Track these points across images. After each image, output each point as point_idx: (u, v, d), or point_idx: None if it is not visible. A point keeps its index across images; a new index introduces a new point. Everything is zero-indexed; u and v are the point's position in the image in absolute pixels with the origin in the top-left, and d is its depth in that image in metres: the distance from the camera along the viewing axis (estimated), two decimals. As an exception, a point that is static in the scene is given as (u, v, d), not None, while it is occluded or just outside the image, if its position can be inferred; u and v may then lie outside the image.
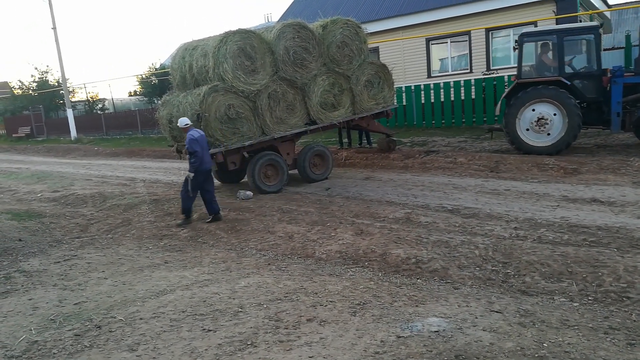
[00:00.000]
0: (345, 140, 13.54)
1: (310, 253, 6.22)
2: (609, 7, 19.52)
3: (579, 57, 10.44)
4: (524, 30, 10.84)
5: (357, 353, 3.53)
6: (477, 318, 4.01)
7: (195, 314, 4.40)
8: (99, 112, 30.89)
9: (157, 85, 26.78)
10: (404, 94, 16.00)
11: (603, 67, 10.01)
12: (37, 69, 33.57)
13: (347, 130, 12.99)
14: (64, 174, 14.56)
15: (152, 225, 8.06)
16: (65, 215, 9.11)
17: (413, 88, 15.90)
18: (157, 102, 25.37)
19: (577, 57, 10.44)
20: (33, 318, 4.64)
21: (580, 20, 14.96)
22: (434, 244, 5.80)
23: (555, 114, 9.78)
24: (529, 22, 15.31)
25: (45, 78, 32.73)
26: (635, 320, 3.96)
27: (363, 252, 5.93)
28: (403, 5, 18.23)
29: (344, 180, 10.26)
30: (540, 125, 9.95)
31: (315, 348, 3.64)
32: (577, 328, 3.81)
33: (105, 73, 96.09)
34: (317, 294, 4.70)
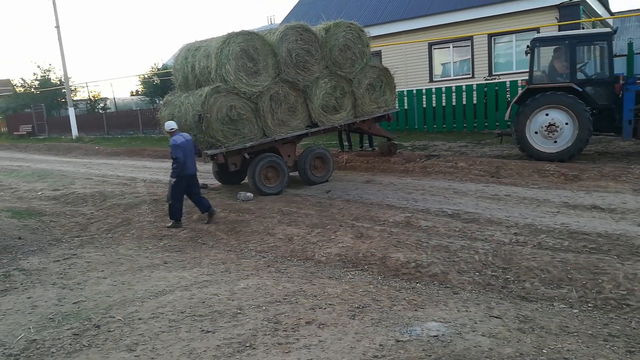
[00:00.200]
0: (346, 144, 13.56)
1: (310, 255, 6.22)
2: (612, 14, 19.55)
3: (591, 63, 10.32)
4: (537, 36, 10.72)
5: (355, 356, 3.52)
6: (476, 323, 4.00)
7: (194, 315, 4.40)
8: (101, 111, 30.93)
9: (159, 86, 26.82)
10: (406, 98, 16.02)
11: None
12: (39, 67, 33.59)
13: (347, 134, 13.01)
14: (65, 173, 14.57)
15: (152, 225, 8.06)
16: (66, 214, 9.12)
17: (415, 92, 15.92)
18: (158, 102, 25.42)
19: (589, 63, 10.33)
20: (32, 317, 4.63)
21: (584, 27, 14.99)
22: (434, 249, 5.80)
23: (566, 121, 9.66)
24: (532, 28, 15.34)
25: (48, 76, 32.78)
26: (635, 328, 3.95)
27: (363, 255, 5.93)
28: (406, 10, 18.28)
29: (345, 183, 10.26)
30: (551, 132, 9.81)
31: (314, 351, 3.64)
32: (576, 335, 3.80)
33: (108, 72, 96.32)
34: (316, 297, 4.70)
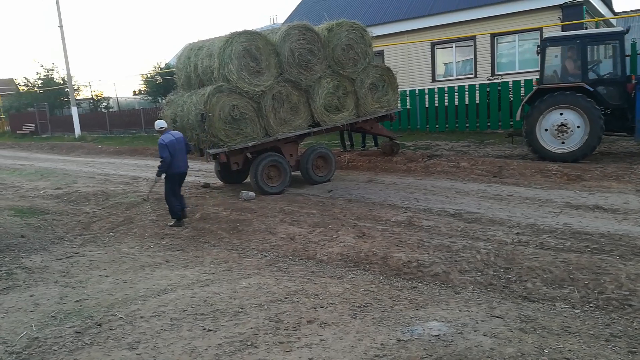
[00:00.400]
0: (348, 143, 13.56)
1: (312, 255, 6.22)
2: (615, 14, 19.49)
3: (603, 63, 10.20)
4: (547, 35, 10.60)
5: (357, 356, 3.52)
6: (478, 323, 4.00)
7: (196, 314, 4.40)
8: (104, 110, 31.01)
9: (161, 85, 26.88)
10: (408, 98, 16.00)
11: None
12: (42, 67, 33.72)
13: (349, 133, 13.01)
14: (67, 172, 14.60)
15: (154, 224, 8.08)
16: (68, 213, 9.14)
17: (417, 92, 15.90)
18: (161, 101, 25.46)
19: (601, 63, 10.20)
20: (34, 314, 4.65)
21: (587, 27, 14.95)
22: (436, 248, 5.80)
23: (577, 121, 9.54)
24: (535, 28, 15.32)
25: (51, 76, 32.88)
26: (637, 328, 3.94)
27: (364, 254, 5.93)
28: (408, 10, 18.26)
29: (347, 183, 10.26)
30: (561, 132, 9.69)
31: (315, 350, 3.64)
32: (578, 335, 3.80)
33: (110, 71, 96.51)
34: (317, 296, 4.70)
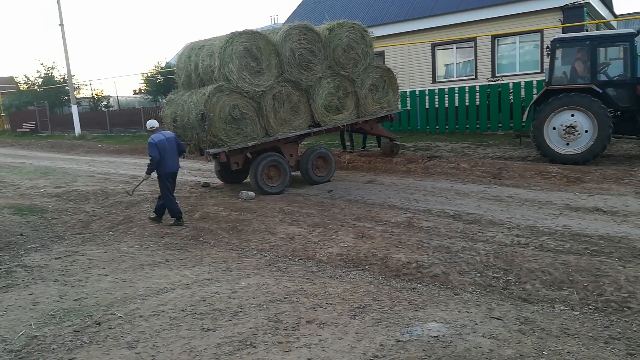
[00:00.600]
0: (348, 144, 13.55)
1: (311, 255, 6.22)
2: (616, 17, 19.50)
3: (613, 64, 10.13)
4: (557, 36, 10.50)
5: (356, 356, 3.52)
6: (477, 324, 4.00)
7: (195, 313, 4.40)
8: (104, 109, 30.99)
9: (162, 84, 26.86)
10: (409, 99, 16.00)
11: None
12: (43, 65, 33.67)
13: (349, 134, 13.01)
14: (67, 170, 14.59)
15: (153, 223, 8.07)
16: (68, 211, 9.14)
17: (417, 93, 15.91)
18: (161, 100, 25.45)
19: (611, 64, 10.14)
20: (33, 313, 4.64)
21: (587, 29, 14.95)
22: (435, 249, 5.80)
23: (585, 123, 9.47)
24: (535, 30, 15.33)
25: (51, 74, 32.85)
26: (636, 331, 3.95)
27: (364, 255, 5.93)
28: (409, 11, 18.26)
29: (346, 183, 10.26)
30: (569, 134, 9.62)
31: (314, 350, 3.64)
32: (577, 337, 3.80)
33: (111, 70, 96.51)
34: (317, 296, 4.70)
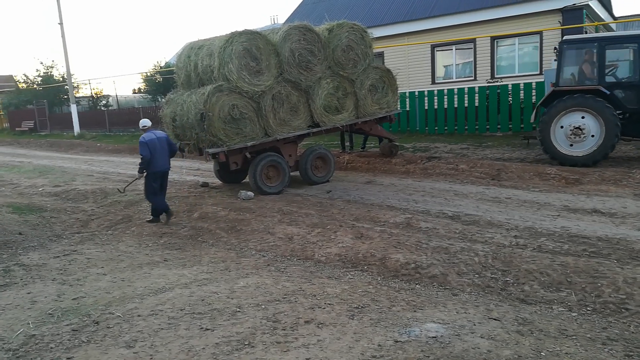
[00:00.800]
0: (348, 144, 13.55)
1: (310, 255, 6.22)
2: (615, 19, 19.53)
3: (622, 66, 10.09)
4: (565, 37, 10.44)
5: (354, 356, 3.52)
6: (475, 325, 4.00)
7: (194, 313, 4.40)
8: (103, 108, 30.95)
9: (161, 84, 26.85)
10: (408, 100, 16.02)
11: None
12: (42, 64, 33.68)
13: (349, 134, 13.01)
14: (66, 169, 14.58)
15: (152, 223, 8.07)
16: (66, 210, 9.13)
17: (417, 94, 15.93)
18: (161, 100, 25.43)
19: (619, 66, 10.08)
20: (31, 312, 4.64)
21: (587, 32, 14.98)
22: (434, 250, 5.80)
23: (593, 125, 9.38)
24: (535, 31, 15.37)
25: (50, 73, 32.82)
26: (634, 332, 3.95)
27: (362, 255, 5.93)
28: (409, 11, 18.29)
29: (345, 184, 10.26)
30: (576, 135, 9.57)
31: (313, 350, 3.64)
32: (575, 338, 3.81)
33: (110, 70, 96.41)
34: (315, 296, 4.70)
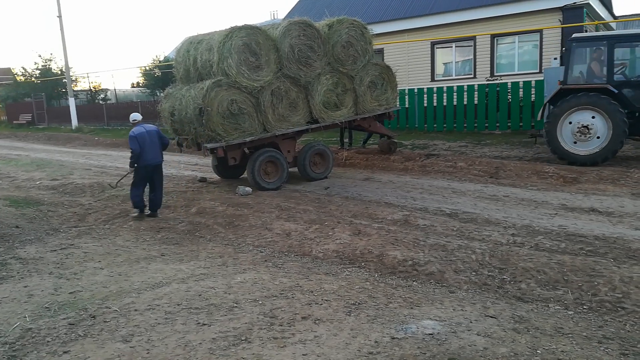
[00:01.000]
0: (346, 140, 13.55)
1: (307, 251, 6.22)
2: (615, 18, 19.53)
3: (631, 65, 9.97)
4: (574, 35, 10.34)
5: (350, 352, 3.53)
6: (471, 322, 4.01)
7: (190, 308, 4.40)
8: (101, 102, 30.86)
9: (160, 78, 26.76)
10: (407, 97, 16.01)
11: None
12: (40, 57, 33.52)
13: (349, 131, 13.00)
14: (64, 163, 14.54)
15: (149, 217, 8.05)
16: (64, 204, 9.10)
17: (416, 91, 15.91)
18: (159, 94, 25.35)
19: (630, 64, 9.98)
20: (28, 305, 4.63)
21: (586, 30, 14.97)
22: (431, 247, 5.81)
23: (600, 123, 9.33)
24: (535, 30, 15.35)
25: (49, 66, 32.66)
26: (629, 331, 3.97)
27: (360, 252, 5.94)
28: (409, 8, 18.25)
29: (344, 180, 10.26)
30: (582, 134, 9.50)
31: (309, 346, 3.65)
32: (571, 336, 3.82)
33: (109, 63, 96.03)
34: (312, 293, 4.70)
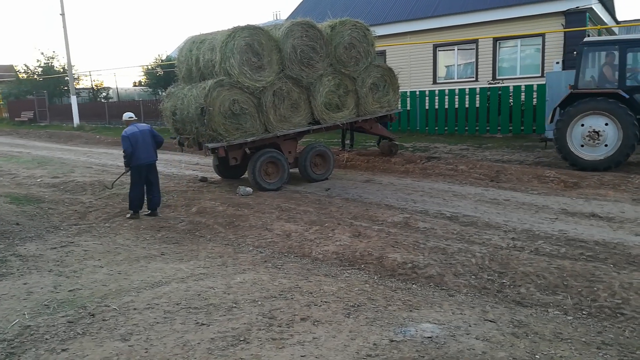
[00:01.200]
0: (348, 142, 13.54)
1: (307, 252, 6.22)
2: (618, 23, 19.53)
3: None
4: (586, 39, 10.25)
5: (349, 355, 3.53)
6: (470, 326, 4.01)
7: (190, 307, 4.40)
8: (103, 100, 30.90)
9: (162, 77, 26.82)
10: (409, 99, 16.02)
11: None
12: (43, 54, 33.60)
13: (350, 132, 12.99)
14: (65, 161, 14.56)
15: (149, 216, 8.06)
16: (64, 202, 9.11)
17: (418, 93, 15.92)
18: (161, 93, 25.39)
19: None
20: (27, 303, 4.63)
21: (589, 35, 14.97)
22: (431, 250, 5.81)
23: (610, 128, 9.22)
24: (537, 33, 15.34)
25: (51, 64, 32.72)
26: (628, 337, 3.96)
27: (360, 254, 5.93)
28: (412, 11, 18.26)
29: (344, 182, 10.26)
30: (592, 139, 9.37)
31: (308, 347, 3.64)
32: (570, 341, 3.81)
33: (111, 62, 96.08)
34: (312, 294, 4.70)
